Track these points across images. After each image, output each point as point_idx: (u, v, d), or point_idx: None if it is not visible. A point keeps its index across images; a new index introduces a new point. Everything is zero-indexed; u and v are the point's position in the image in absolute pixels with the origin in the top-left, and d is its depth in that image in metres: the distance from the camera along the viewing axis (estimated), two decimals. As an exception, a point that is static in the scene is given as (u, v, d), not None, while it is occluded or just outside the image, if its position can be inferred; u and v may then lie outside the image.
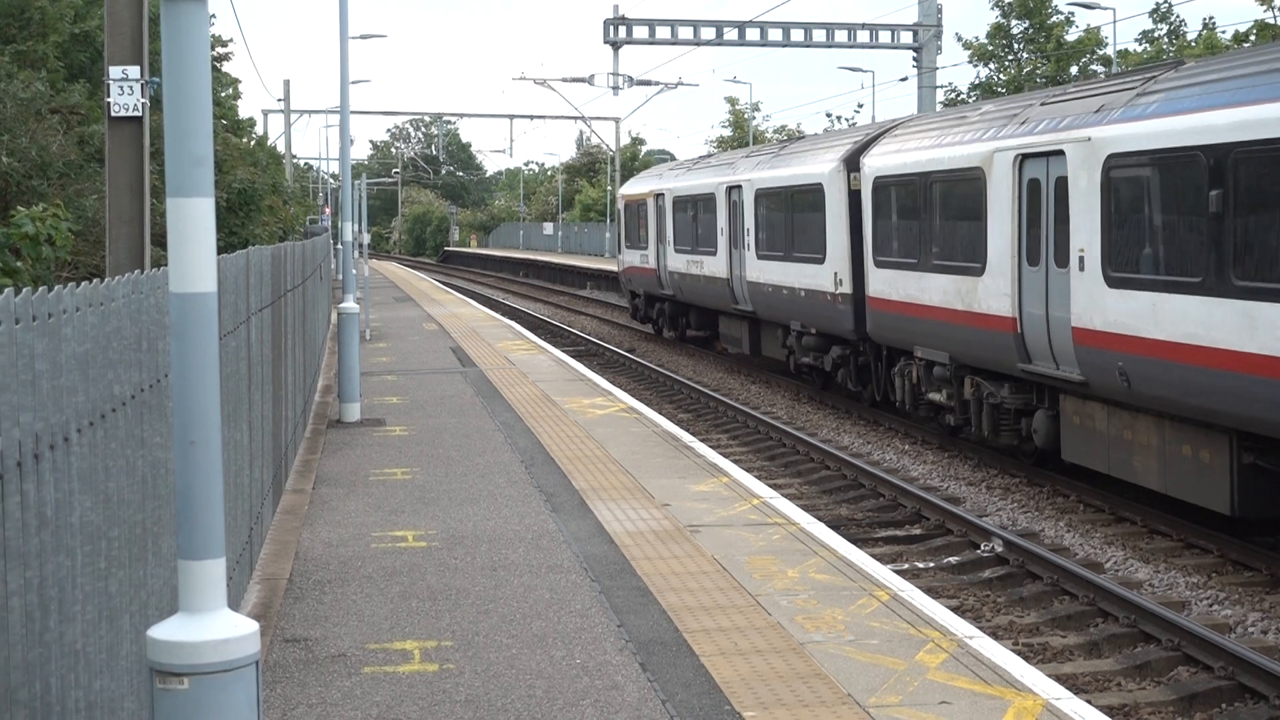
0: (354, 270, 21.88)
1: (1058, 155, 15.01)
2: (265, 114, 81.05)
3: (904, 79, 45.79)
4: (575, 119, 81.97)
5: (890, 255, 19.80)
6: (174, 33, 4.11)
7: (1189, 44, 47.75)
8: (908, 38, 44.44)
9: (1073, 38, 51.50)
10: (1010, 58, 52.73)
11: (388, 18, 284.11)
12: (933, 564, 13.33)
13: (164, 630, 4.12)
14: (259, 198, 31.61)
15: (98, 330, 4.66)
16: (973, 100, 50.48)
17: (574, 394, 19.96)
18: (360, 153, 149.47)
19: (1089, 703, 7.62)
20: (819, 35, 44.62)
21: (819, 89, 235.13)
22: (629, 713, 7.09)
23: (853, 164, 21.64)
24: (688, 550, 10.52)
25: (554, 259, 75.69)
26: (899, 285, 19.38)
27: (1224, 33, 47.81)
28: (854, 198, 21.48)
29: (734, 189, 27.70)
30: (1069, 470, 16.10)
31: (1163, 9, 48.69)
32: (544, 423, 17.08)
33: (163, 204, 4.99)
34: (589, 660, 7.91)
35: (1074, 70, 50.66)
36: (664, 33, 45.24)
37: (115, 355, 4.91)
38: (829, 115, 76.71)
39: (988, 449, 18.10)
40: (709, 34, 45.17)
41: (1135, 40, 51.15)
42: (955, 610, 10.73)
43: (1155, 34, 49.56)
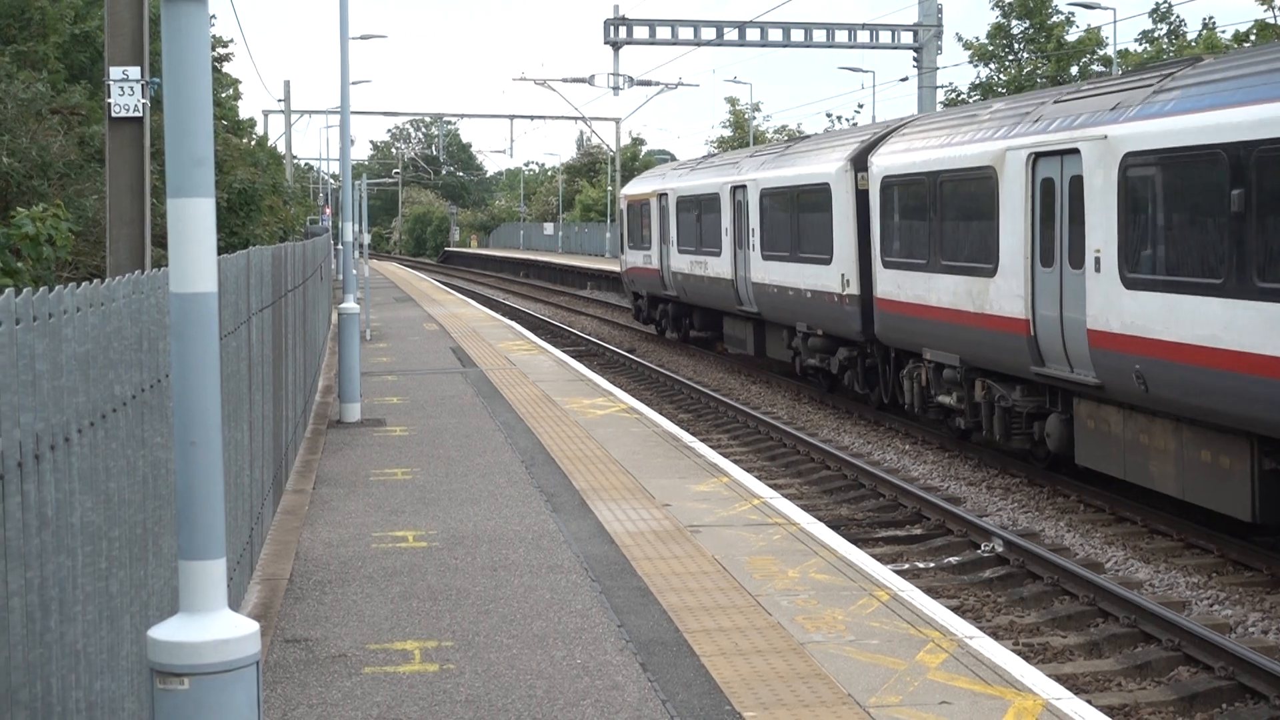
0: (354, 270, 21.88)
1: (1072, 154, 14.76)
2: (266, 114, 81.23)
3: (904, 79, 45.85)
4: (576, 119, 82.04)
5: (899, 256, 19.51)
6: (174, 33, 4.11)
7: (1189, 44, 47.76)
8: (908, 38, 44.48)
9: (1073, 38, 51.52)
10: (1010, 58, 52.73)
11: (388, 18, 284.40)
12: (933, 564, 13.33)
13: (164, 630, 4.12)
14: (259, 198, 31.61)
15: (98, 330, 4.66)
16: (974, 100, 50.49)
17: (574, 394, 19.97)
18: (360, 153, 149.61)
19: (1089, 703, 7.62)
20: (819, 35, 44.66)
21: (819, 89, 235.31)
22: (629, 713, 7.09)
23: (860, 163, 21.38)
24: (688, 550, 10.52)
25: (554, 259, 75.71)
26: (907, 286, 19.12)
27: (1224, 32, 47.85)
28: (861, 197, 21.20)
29: (738, 189, 27.47)
30: (1082, 475, 15.84)
31: (1162, 9, 48.71)
32: (544, 423, 17.08)
33: (163, 204, 5.00)
34: (589, 660, 7.92)
35: (1074, 70, 50.67)
36: (664, 33, 45.29)
37: (116, 355, 4.91)
38: (829, 115, 76.82)
39: (987, 450, 18.07)
40: (709, 34, 45.20)
41: (1135, 40, 51.24)
42: (955, 610, 10.73)
43: (1155, 34, 49.60)
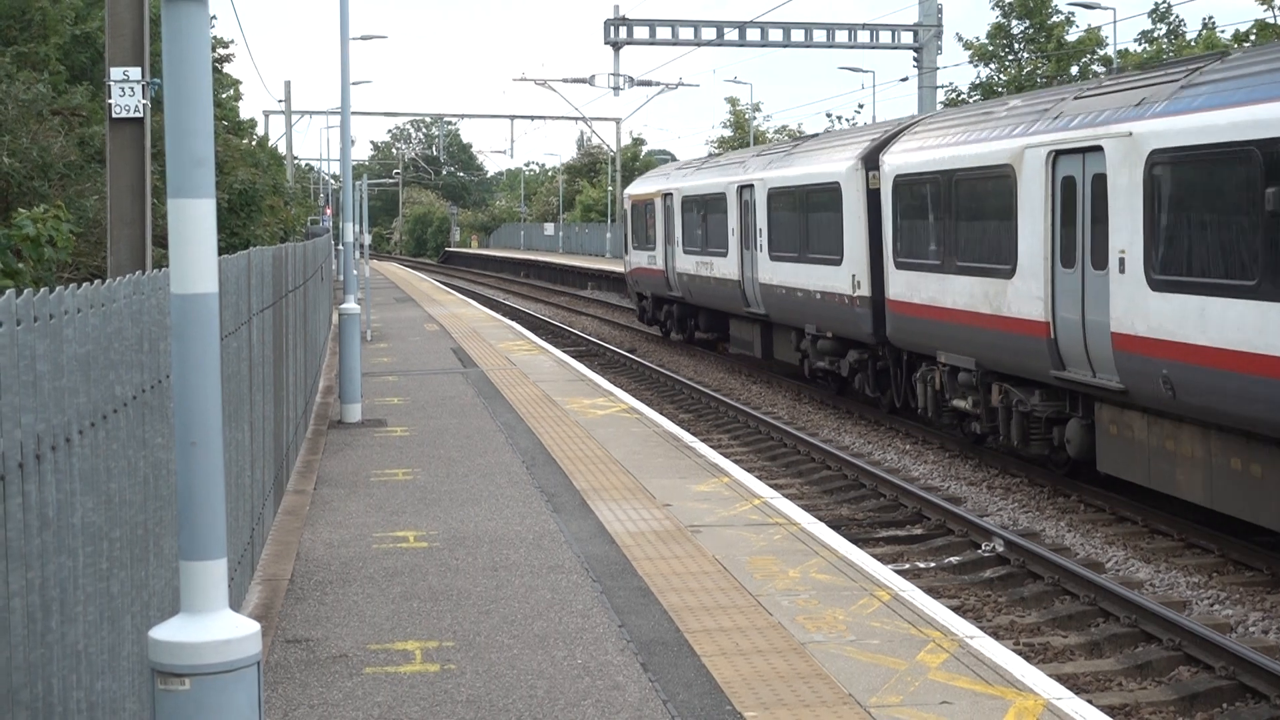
0: (355, 271, 21.88)
1: (1095, 151, 14.34)
2: (266, 115, 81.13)
3: (904, 79, 45.87)
4: (576, 119, 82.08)
5: (912, 256, 19.08)
6: (175, 34, 4.11)
7: (1188, 44, 47.78)
8: (908, 38, 44.50)
9: (1073, 38, 51.53)
10: (1011, 58, 52.74)
11: (388, 18, 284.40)
12: (934, 564, 13.34)
13: (165, 631, 4.13)
14: (260, 198, 31.61)
15: (99, 331, 4.66)
16: (974, 100, 50.50)
17: (575, 394, 19.97)
18: (361, 153, 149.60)
19: (1090, 702, 7.62)
20: (819, 35, 44.68)
21: (819, 89, 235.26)
22: (630, 713, 7.09)
23: (871, 162, 20.92)
24: (689, 550, 10.53)
25: (555, 259, 75.72)
26: (921, 288, 18.69)
27: (1223, 32, 47.87)
28: (872, 197, 20.79)
29: (745, 188, 27.14)
30: (1104, 482, 15.46)
31: (1162, 9, 48.72)
32: (545, 423, 17.08)
33: (164, 205, 5.00)
34: (590, 660, 7.92)
35: (1074, 70, 50.68)
36: (664, 33, 45.31)
37: (117, 356, 4.91)
38: (829, 115, 76.83)
39: (988, 450, 18.06)
40: (709, 34, 45.22)
41: (1135, 40, 51.25)
42: (956, 610, 10.73)
43: (1155, 34, 49.61)
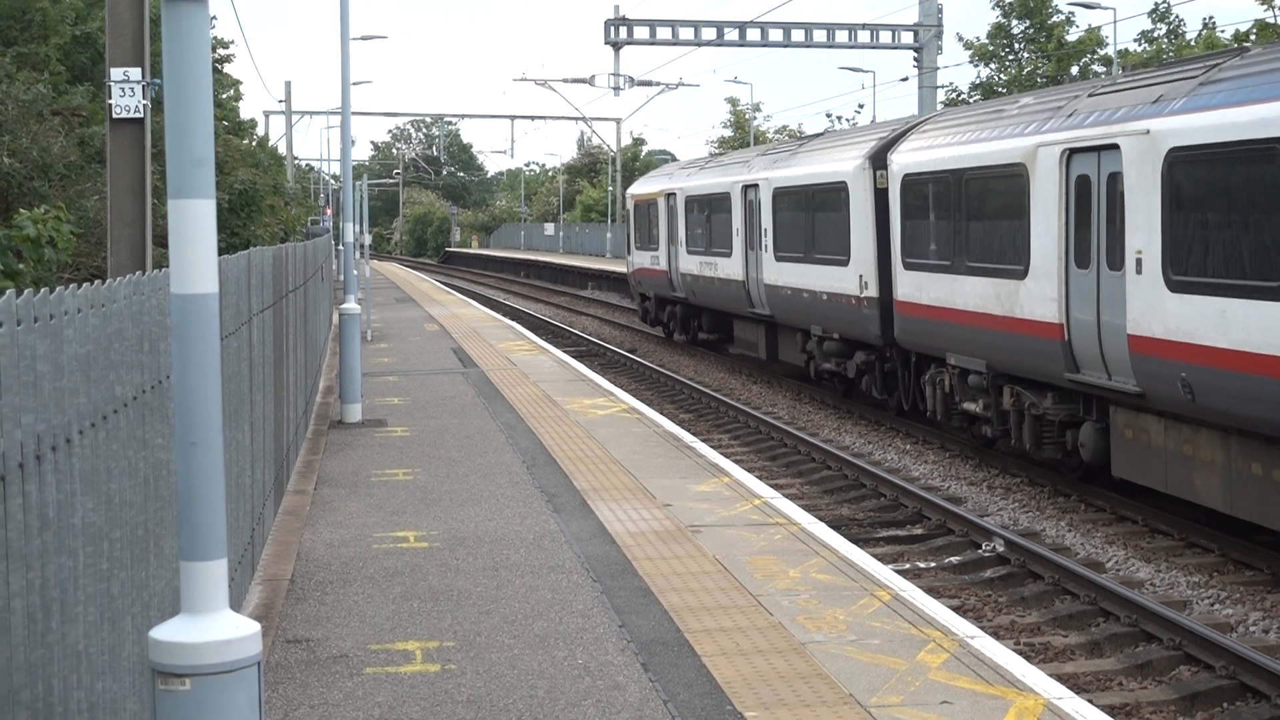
0: (355, 271, 21.89)
1: (1111, 149, 14.04)
2: (267, 115, 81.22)
3: (905, 79, 45.87)
4: (576, 120, 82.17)
5: (921, 257, 18.79)
6: (175, 34, 4.11)
7: (1188, 44, 47.79)
8: (908, 38, 44.49)
9: (1073, 38, 51.55)
10: (1011, 58, 52.75)
11: (388, 18, 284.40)
12: (934, 564, 13.34)
13: (166, 631, 4.13)
14: (260, 199, 31.62)
15: (99, 332, 4.66)
16: (974, 100, 50.51)
17: (575, 394, 19.97)
18: (361, 154, 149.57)
19: (1090, 702, 7.63)
20: (819, 35, 44.67)
21: (819, 89, 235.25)
22: (631, 713, 7.10)
23: (879, 161, 20.62)
24: (689, 550, 10.53)
25: (555, 259, 75.73)
26: (930, 288, 18.41)
27: (1223, 32, 47.88)
28: (880, 196, 20.54)
29: (750, 188, 26.91)
30: (1118, 486, 15.19)
31: (1162, 9, 48.72)
32: (545, 423, 17.08)
33: (164, 205, 5.00)
34: (591, 660, 7.92)
35: (1074, 70, 50.69)
36: (664, 33, 45.30)
37: (117, 356, 4.91)
38: (829, 115, 76.83)
39: (989, 450, 18.07)
40: (709, 34, 45.21)
41: (1134, 40, 51.26)
42: (956, 610, 10.73)
43: (1154, 34, 49.62)
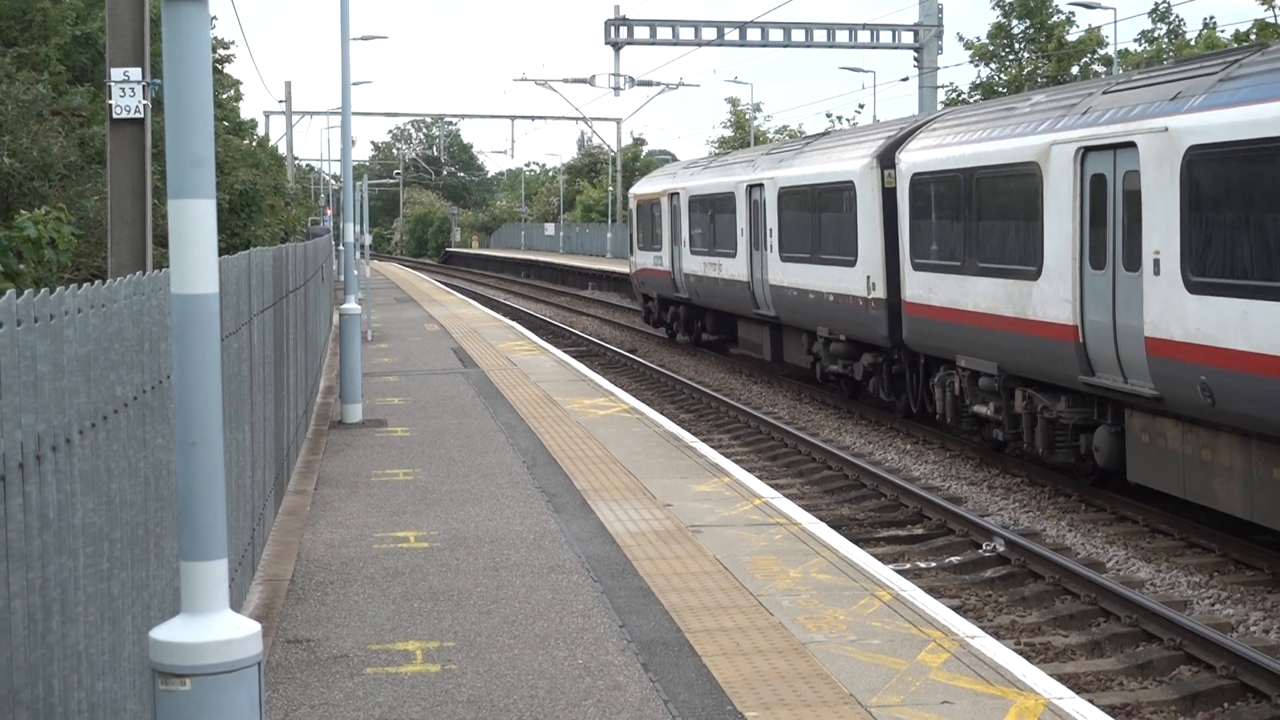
0: (355, 271, 21.89)
1: (1127, 148, 13.77)
2: (267, 115, 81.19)
3: (905, 79, 45.91)
4: (576, 120, 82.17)
5: (930, 257, 18.53)
6: (175, 34, 4.11)
7: (1188, 44, 47.80)
8: (908, 38, 44.48)
9: (1073, 38, 51.54)
10: (1011, 58, 52.75)
11: (388, 19, 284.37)
12: (934, 564, 13.34)
13: (166, 631, 4.13)
14: (260, 199, 31.62)
15: (100, 332, 4.66)
16: (975, 100, 50.51)
17: (576, 394, 19.97)
18: (361, 154, 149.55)
19: (1091, 702, 7.63)
20: (819, 35, 44.66)
21: (820, 89, 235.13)
22: (631, 713, 7.09)
23: (886, 160, 20.37)
24: (689, 550, 10.53)
25: (555, 260, 75.73)
26: (940, 289, 18.13)
27: (1224, 32, 47.88)
28: (888, 196, 20.29)
29: (755, 187, 26.65)
30: (1133, 492, 14.96)
31: (1162, 9, 48.72)
32: (546, 423, 17.08)
33: (164, 205, 5.00)
34: (591, 660, 7.92)
35: (1075, 70, 50.69)
36: (665, 33, 45.30)
37: (117, 357, 4.91)
38: (829, 115, 76.78)
39: (989, 450, 18.06)
40: (710, 34, 45.21)
41: (1135, 40, 51.27)
42: (957, 610, 10.73)
43: (1155, 34, 49.62)
